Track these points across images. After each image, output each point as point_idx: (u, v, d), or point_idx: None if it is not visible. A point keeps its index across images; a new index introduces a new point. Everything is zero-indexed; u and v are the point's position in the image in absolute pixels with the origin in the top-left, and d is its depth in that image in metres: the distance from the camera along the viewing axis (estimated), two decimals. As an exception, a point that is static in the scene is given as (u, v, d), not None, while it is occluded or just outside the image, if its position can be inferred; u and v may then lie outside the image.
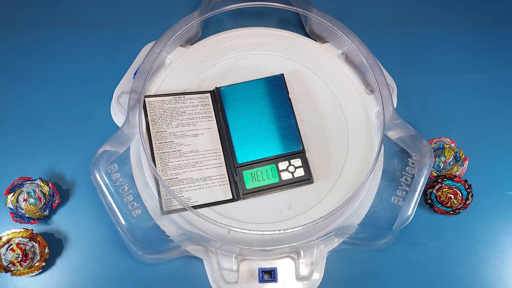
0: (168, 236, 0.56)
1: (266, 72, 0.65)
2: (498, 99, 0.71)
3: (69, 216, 0.61)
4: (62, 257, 0.59)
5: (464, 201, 0.61)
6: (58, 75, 0.68)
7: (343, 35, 0.63)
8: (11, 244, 0.55)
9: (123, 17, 0.73)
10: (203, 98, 0.63)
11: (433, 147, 0.63)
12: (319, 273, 0.57)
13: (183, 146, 0.59)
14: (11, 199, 0.58)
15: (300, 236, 0.56)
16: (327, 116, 0.63)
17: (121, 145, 0.59)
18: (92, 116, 0.66)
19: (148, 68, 0.60)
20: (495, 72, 0.73)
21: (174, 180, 0.58)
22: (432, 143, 0.63)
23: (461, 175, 0.63)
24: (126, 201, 0.56)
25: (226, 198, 0.58)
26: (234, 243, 0.55)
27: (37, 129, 0.65)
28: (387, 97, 0.60)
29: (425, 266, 0.61)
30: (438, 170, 0.63)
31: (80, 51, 0.70)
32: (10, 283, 0.58)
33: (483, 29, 0.76)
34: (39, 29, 0.71)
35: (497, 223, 0.63)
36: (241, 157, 0.59)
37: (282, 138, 0.60)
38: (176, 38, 0.63)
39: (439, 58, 0.73)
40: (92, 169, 0.55)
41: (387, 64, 0.68)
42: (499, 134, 0.68)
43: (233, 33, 0.68)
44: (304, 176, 0.59)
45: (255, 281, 0.56)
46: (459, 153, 0.63)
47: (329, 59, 0.67)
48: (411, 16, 0.76)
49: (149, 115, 0.60)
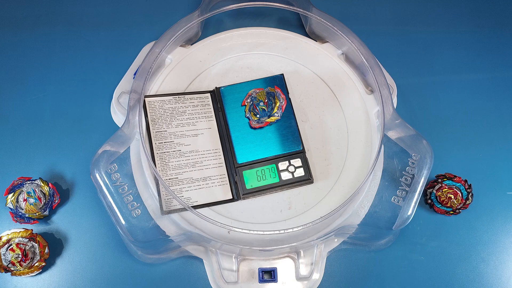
0: (168, 236, 0.56)
1: (266, 72, 0.65)
2: (498, 99, 0.71)
3: (69, 216, 0.61)
4: (62, 257, 0.59)
5: (464, 201, 0.61)
6: (58, 75, 0.68)
7: (343, 35, 0.63)
8: (11, 244, 0.55)
9: (123, 17, 0.73)
10: (203, 98, 0.63)
11: (248, 103, 0.60)
12: (319, 273, 0.57)
13: (183, 146, 0.59)
14: (11, 199, 0.58)
15: (300, 236, 0.56)
16: (327, 116, 0.63)
17: (121, 145, 0.59)
18: (92, 116, 0.66)
19: (148, 68, 0.60)
20: (495, 72, 0.73)
21: (174, 180, 0.58)
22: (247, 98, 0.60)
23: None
24: (126, 201, 0.56)
25: (226, 198, 0.58)
26: (234, 243, 0.55)
27: (37, 129, 0.65)
28: (387, 97, 0.60)
29: (425, 266, 0.61)
30: (265, 115, 0.60)
31: (80, 51, 0.70)
32: (10, 283, 0.58)
33: (483, 29, 0.76)
34: (39, 29, 0.71)
35: (497, 223, 0.63)
36: (241, 157, 0.59)
37: (282, 138, 0.60)
38: (176, 38, 0.63)
39: (439, 58, 0.73)
40: (92, 169, 0.55)
41: (387, 64, 0.68)
42: (499, 134, 0.68)
43: (233, 33, 0.68)
44: (304, 176, 0.59)
45: (255, 281, 0.56)
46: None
47: (329, 59, 0.67)
48: (411, 16, 0.76)
49: (149, 115, 0.60)
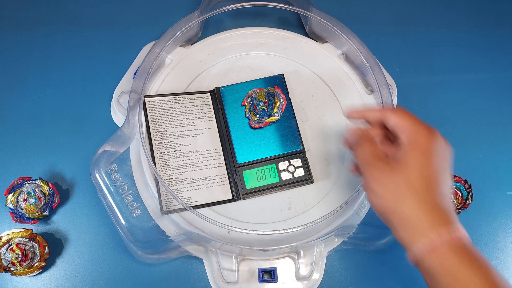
0: (168, 236, 0.56)
1: (266, 72, 0.65)
2: (498, 99, 0.71)
3: (69, 216, 0.61)
4: (62, 257, 0.59)
5: (464, 201, 0.61)
6: (58, 75, 0.68)
7: (343, 35, 0.63)
8: (11, 244, 0.55)
9: (123, 17, 0.73)
10: (203, 98, 0.63)
11: (248, 103, 0.60)
12: (319, 273, 0.57)
13: (183, 146, 0.59)
14: (11, 199, 0.57)
15: (300, 236, 0.56)
16: (327, 116, 0.63)
17: (121, 145, 0.59)
18: (92, 116, 0.66)
19: (148, 68, 0.60)
20: (495, 72, 0.73)
21: (174, 180, 0.58)
22: None
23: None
24: (126, 201, 0.56)
25: (226, 198, 0.58)
26: (234, 243, 0.55)
27: (37, 129, 0.65)
28: (387, 97, 0.60)
29: (425, 266, 0.61)
30: (265, 115, 0.60)
31: (80, 51, 0.70)
32: (10, 283, 0.58)
33: (483, 29, 0.76)
34: (39, 29, 0.71)
35: (497, 223, 0.63)
36: (241, 157, 0.59)
37: (282, 138, 0.60)
38: (176, 38, 0.63)
39: (439, 58, 0.73)
40: (92, 169, 0.55)
41: (387, 64, 0.68)
42: (499, 134, 0.68)
43: (233, 33, 0.68)
44: (304, 176, 0.59)
45: (255, 281, 0.56)
46: None
47: (329, 59, 0.67)
48: (411, 16, 0.76)
49: (149, 115, 0.60)
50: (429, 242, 0.38)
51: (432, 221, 0.38)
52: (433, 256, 0.38)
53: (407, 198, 0.39)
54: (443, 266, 0.37)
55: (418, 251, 0.39)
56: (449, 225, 0.38)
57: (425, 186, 0.40)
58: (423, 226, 0.38)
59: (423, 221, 0.38)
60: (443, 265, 0.37)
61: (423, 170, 0.40)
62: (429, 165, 0.40)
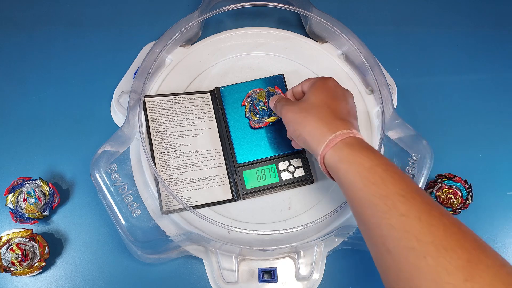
0: (168, 236, 0.56)
1: (266, 72, 0.65)
2: (498, 99, 0.71)
3: (69, 216, 0.61)
4: (62, 257, 0.59)
5: (464, 201, 0.61)
6: (58, 75, 0.68)
7: (343, 35, 0.63)
8: (11, 244, 0.55)
9: (123, 17, 0.73)
10: (203, 98, 0.63)
11: (248, 103, 0.60)
12: (319, 273, 0.57)
13: (183, 146, 0.59)
14: (11, 199, 0.57)
15: (300, 236, 0.56)
16: (327, 116, 0.63)
17: (121, 145, 0.59)
18: (92, 116, 0.66)
19: (148, 68, 0.60)
20: (495, 72, 0.73)
21: (174, 180, 0.58)
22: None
23: None
24: (126, 201, 0.56)
25: (226, 198, 0.58)
26: (234, 243, 0.55)
27: (37, 129, 0.65)
28: (387, 97, 0.60)
29: (425, 266, 0.60)
30: (265, 115, 0.60)
31: (80, 51, 0.70)
32: (10, 283, 0.58)
33: (483, 29, 0.76)
34: (39, 29, 0.71)
35: (497, 223, 0.63)
36: (241, 157, 0.59)
37: (282, 138, 0.60)
38: (176, 38, 0.63)
39: (439, 58, 0.73)
40: (92, 169, 0.55)
41: (387, 64, 0.68)
42: (499, 134, 0.68)
43: (233, 33, 0.68)
44: (304, 176, 0.59)
45: (255, 281, 0.56)
46: None
47: (329, 59, 0.67)
48: (411, 16, 0.76)
49: (149, 115, 0.60)
50: (327, 142, 0.46)
51: (330, 129, 0.47)
52: (331, 151, 0.46)
53: (312, 116, 0.49)
54: (340, 157, 0.45)
55: (320, 151, 0.47)
56: (345, 129, 0.47)
57: (325, 107, 0.49)
58: (323, 133, 0.47)
59: (323, 130, 0.47)
60: (339, 156, 0.45)
61: (320, 96, 0.51)
62: (324, 93, 0.51)
